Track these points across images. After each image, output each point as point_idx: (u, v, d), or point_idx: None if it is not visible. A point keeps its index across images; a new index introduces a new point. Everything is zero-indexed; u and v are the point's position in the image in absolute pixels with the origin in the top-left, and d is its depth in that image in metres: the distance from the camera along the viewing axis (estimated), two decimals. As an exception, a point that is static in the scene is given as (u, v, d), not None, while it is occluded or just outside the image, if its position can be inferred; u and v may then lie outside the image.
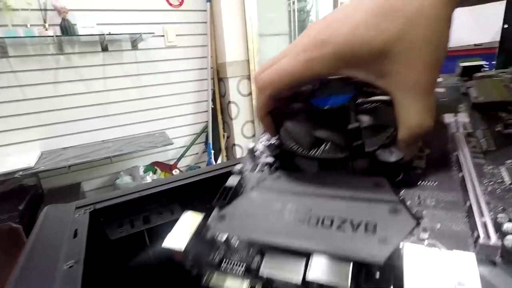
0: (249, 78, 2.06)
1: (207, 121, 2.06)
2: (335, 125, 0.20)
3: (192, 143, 2.06)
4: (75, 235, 0.27)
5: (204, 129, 2.09)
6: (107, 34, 1.56)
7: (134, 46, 1.76)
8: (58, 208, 0.32)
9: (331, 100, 0.20)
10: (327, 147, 0.21)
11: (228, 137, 2.19)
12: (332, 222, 0.18)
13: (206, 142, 2.10)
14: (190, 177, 0.39)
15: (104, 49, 1.69)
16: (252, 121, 2.16)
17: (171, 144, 1.75)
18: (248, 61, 2.03)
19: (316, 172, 0.22)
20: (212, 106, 2.04)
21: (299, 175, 0.22)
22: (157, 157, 1.96)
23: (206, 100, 2.03)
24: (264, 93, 0.21)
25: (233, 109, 2.07)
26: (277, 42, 2.28)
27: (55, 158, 1.52)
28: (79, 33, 1.52)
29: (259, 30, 2.01)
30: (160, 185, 0.37)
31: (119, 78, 1.77)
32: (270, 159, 0.25)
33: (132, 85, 1.82)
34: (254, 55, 2.01)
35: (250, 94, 2.09)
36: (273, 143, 0.25)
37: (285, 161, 0.24)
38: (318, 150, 0.21)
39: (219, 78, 2.06)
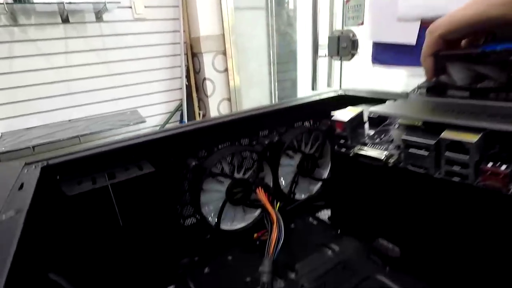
0: (224, 53, 1.98)
1: (181, 99, 1.99)
2: (495, 64, 0.23)
3: (166, 122, 1.99)
4: (20, 188, 0.23)
5: (179, 107, 2.01)
6: (66, 3, 1.43)
7: (99, 17, 1.63)
8: (3, 165, 0.28)
9: (502, 46, 0.23)
10: (482, 82, 0.24)
11: (203, 115, 2.13)
12: (473, 113, 0.21)
13: (181, 121, 2.03)
14: (159, 132, 0.36)
15: (65, 20, 1.55)
16: (229, 99, 2.11)
17: (144, 122, 1.67)
18: (223, 35, 1.94)
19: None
20: (187, 83, 1.96)
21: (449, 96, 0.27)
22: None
23: (180, 77, 1.95)
24: (434, 34, 0.25)
25: (208, 86, 2.00)
26: (253, 16, 2.20)
27: (17, 139, 1.41)
28: (34, 1, 1.37)
29: (235, 3, 1.93)
30: (125, 141, 0.34)
31: (83, 53, 1.64)
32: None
33: (98, 61, 1.69)
34: (229, 30, 1.93)
35: (226, 70, 2.02)
36: (429, 81, 0.28)
37: (436, 93, 0.27)
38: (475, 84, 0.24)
39: (193, 54, 1.97)
